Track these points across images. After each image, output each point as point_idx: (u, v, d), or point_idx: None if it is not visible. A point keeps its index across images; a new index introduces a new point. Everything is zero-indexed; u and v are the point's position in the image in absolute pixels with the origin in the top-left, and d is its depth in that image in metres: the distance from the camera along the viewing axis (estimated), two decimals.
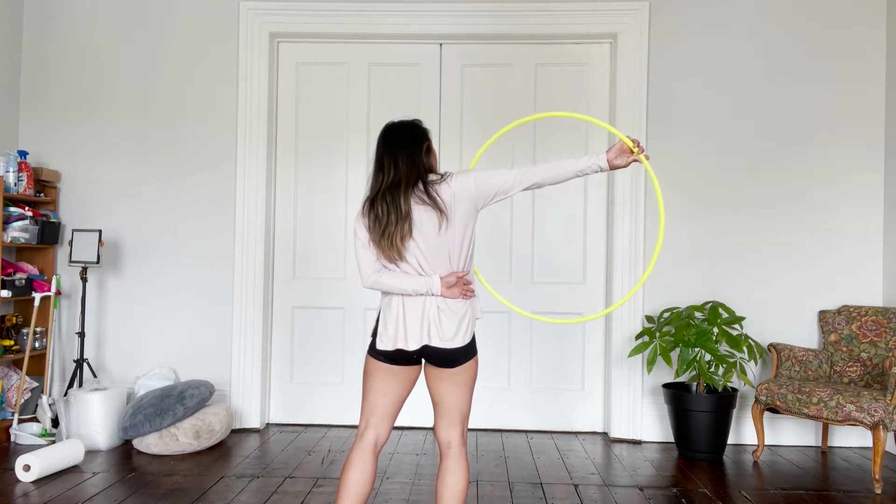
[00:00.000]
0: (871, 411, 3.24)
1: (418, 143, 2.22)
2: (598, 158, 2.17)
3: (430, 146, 2.27)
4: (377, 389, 2.25)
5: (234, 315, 4.20)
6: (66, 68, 4.29)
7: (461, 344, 2.18)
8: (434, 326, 2.15)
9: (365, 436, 2.24)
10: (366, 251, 2.20)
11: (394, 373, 2.24)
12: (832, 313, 3.96)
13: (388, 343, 2.18)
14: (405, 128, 2.26)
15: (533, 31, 4.16)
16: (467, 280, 2.21)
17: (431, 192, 2.13)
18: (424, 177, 2.17)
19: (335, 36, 4.26)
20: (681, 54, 4.13)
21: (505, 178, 2.17)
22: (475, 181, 2.15)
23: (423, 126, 2.30)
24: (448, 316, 2.17)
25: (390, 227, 2.13)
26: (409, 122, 2.30)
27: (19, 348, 4.06)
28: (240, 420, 4.17)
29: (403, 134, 2.24)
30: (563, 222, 4.28)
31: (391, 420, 2.28)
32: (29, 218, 3.99)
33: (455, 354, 2.18)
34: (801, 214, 4.09)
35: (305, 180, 4.34)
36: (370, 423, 2.25)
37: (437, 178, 2.18)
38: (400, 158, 2.18)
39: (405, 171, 2.17)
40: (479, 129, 4.29)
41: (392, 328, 2.18)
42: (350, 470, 2.20)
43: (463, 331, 2.19)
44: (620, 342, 4.10)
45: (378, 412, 2.25)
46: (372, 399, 2.26)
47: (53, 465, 3.26)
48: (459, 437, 2.23)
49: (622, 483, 3.32)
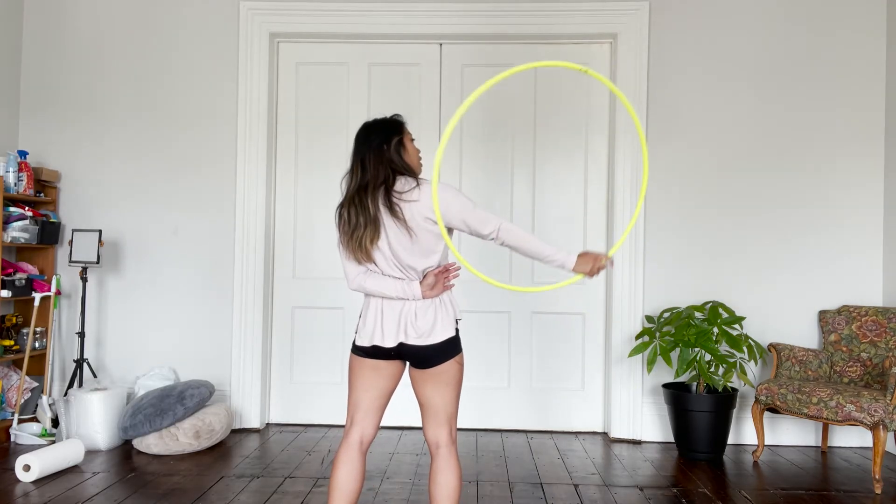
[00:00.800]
0: (871, 411, 3.24)
1: (387, 141, 2.20)
2: (569, 258, 2.17)
3: (401, 140, 2.22)
4: (360, 385, 2.26)
5: (234, 315, 4.20)
6: (66, 68, 4.29)
7: (438, 340, 2.16)
8: (410, 325, 2.16)
9: (351, 433, 2.25)
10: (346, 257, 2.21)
11: (375, 368, 2.24)
12: (832, 313, 3.96)
13: (366, 339, 2.20)
14: (375, 126, 2.24)
15: (533, 31, 4.16)
16: (446, 275, 2.18)
17: (395, 204, 2.11)
18: (392, 180, 2.15)
19: (335, 36, 4.26)
20: (681, 54, 4.13)
21: (483, 225, 2.12)
22: (447, 208, 2.11)
23: (396, 121, 2.26)
24: (423, 311, 2.17)
25: (358, 231, 2.13)
26: (381, 119, 2.27)
27: (19, 348, 4.06)
28: (240, 420, 4.17)
29: (372, 133, 2.22)
30: (564, 222, 4.27)
31: (376, 416, 2.28)
32: (29, 218, 3.99)
33: (431, 353, 2.16)
34: (801, 214, 4.09)
35: (305, 180, 4.34)
36: (355, 420, 2.26)
37: (408, 188, 2.14)
38: (368, 159, 2.18)
39: (373, 173, 2.16)
40: (480, 130, 4.29)
41: (370, 325, 2.20)
42: (338, 469, 2.21)
43: (440, 326, 2.17)
44: (620, 342, 4.10)
45: (362, 407, 2.26)
46: (356, 395, 2.27)
47: (53, 465, 3.26)
48: (448, 437, 2.22)
49: (622, 483, 3.32)
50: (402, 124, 2.27)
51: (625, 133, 4.11)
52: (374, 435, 2.29)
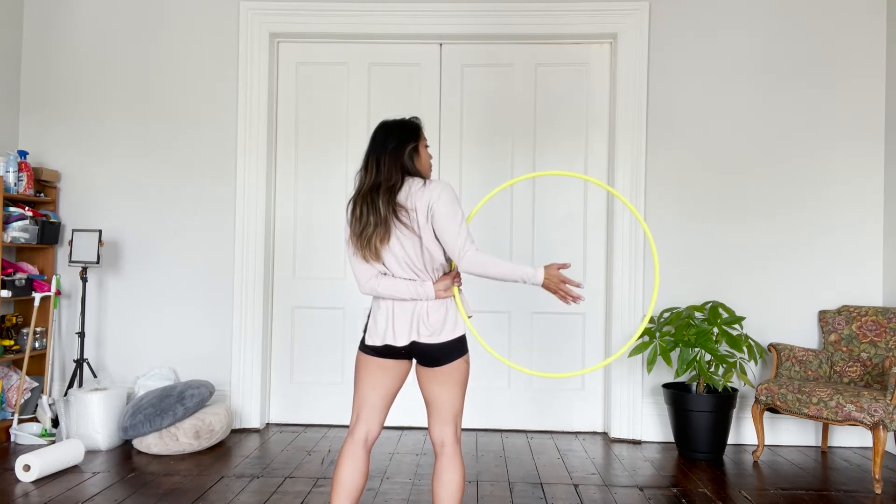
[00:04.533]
0: (871, 411, 3.24)
1: (403, 146, 2.22)
2: (536, 273, 2.16)
3: (416, 147, 2.24)
4: (367, 383, 2.28)
5: (233, 315, 4.20)
6: (66, 68, 4.29)
7: (448, 339, 2.19)
8: (423, 324, 2.18)
9: (356, 430, 2.27)
10: (356, 257, 2.21)
11: (383, 366, 2.26)
12: (832, 313, 3.96)
13: (377, 339, 2.21)
14: (394, 129, 2.25)
15: (533, 31, 4.16)
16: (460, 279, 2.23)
17: (401, 209, 2.13)
18: (401, 183, 2.17)
19: (335, 36, 4.26)
20: (681, 54, 4.13)
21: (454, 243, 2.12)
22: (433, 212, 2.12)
23: (414, 125, 2.28)
24: (435, 309, 2.20)
25: (368, 230, 2.15)
26: (399, 121, 2.28)
27: (19, 348, 4.06)
28: (240, 420, 4.17)
29: (391, 135, 2.23)
30: (564, 222, 4.28)
31: (382, 414, 2.30)
32: (29, 218, 3.99)
33: (442, 352, 2.19)
34: (801, 214, 4.09)
35: (305, 180, 4.34)
36: (361, 417, 2.28)
37: (416, 187, 2.16)
38: (383, 161, 2.20)
39: (386, 175, 2.18)
40: (479, 130, 4.29)
41: (382, 324, 2.21)
42: (342, 465, 2.23)
43: (450, 324, 2.20)
44: (620, 342, 4.10)
45: (369, 405, 2.28)
46: (362, 392, 2.28)
47: (53, 465, 3.26)
48: (453, 436, 2.23)
49: (622, 483, 3.32)
50: (419, 129, 2.28)
51: (625, 133, 4.11)
52: (378, 433, 2.31)
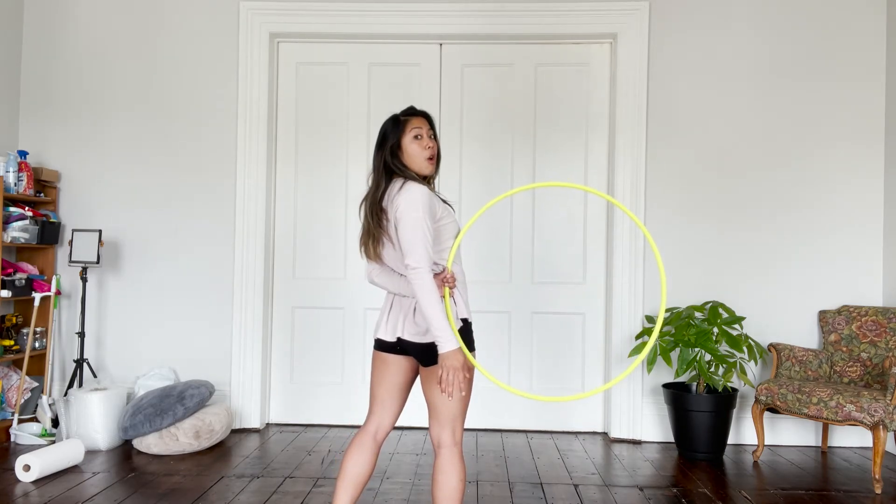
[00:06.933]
0: (871, 411, 3.24)
1: (382, 147, 2.21)
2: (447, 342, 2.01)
3: (399, 143, 2.20)
4: (374, 377, 2.32)
5: (234, 315, 4.20)
6: (66, 69, 4.29)
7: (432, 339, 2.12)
8: (409, 322, 2.18)
9: (368, 423, 2.31)
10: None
11: (384, 361, 2.29)
12: (832, 313, 3.96)
13: (376, 332, 2.29)
14: (381, 129, 2.25)
15: (533, 31, 4.16)
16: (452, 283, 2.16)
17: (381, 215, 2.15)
18: (385, 186, 2.17)
19: (335, 36, 4.26)
20: (681, 54, 4.13)
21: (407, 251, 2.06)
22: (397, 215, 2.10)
23: (393, 119, 2.23)
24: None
25: (363, 236, 2.23)
26: (386, 120, 2.27)
27: (19, 348, 4.06)
28: (240, 420, 4.17)
29: (379, 136, 2.25)
30: (564, 222, 4.27)
31: (390, 410, 2.31)
32: (29, 218, 3.99)
33: (432, 352, 2.12)
34: (801, 214, 4.09)
35: (305, 180, 4.34)
36: (371, 410, 2.32)
37: (394, 192, 2.15)
38: (375, 165, 2.24)
39: (376, 179, 2.22)
40: (480, 130, 4.29)
41: (379, 318, 2.30)
42: (349, 454, 2.27)
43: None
44: (620, 342, 4.10)
45: (376, 399, 2.31)
46: (372, 386, 2.33)
47: (53, 465, 3.26)
48: (450, 437, 2.20)
49: (622, 483, 3.32)
50: (399, 123, 2.22)
51: (624, 133, 4.11)
52: (389, 428, 2.32)
